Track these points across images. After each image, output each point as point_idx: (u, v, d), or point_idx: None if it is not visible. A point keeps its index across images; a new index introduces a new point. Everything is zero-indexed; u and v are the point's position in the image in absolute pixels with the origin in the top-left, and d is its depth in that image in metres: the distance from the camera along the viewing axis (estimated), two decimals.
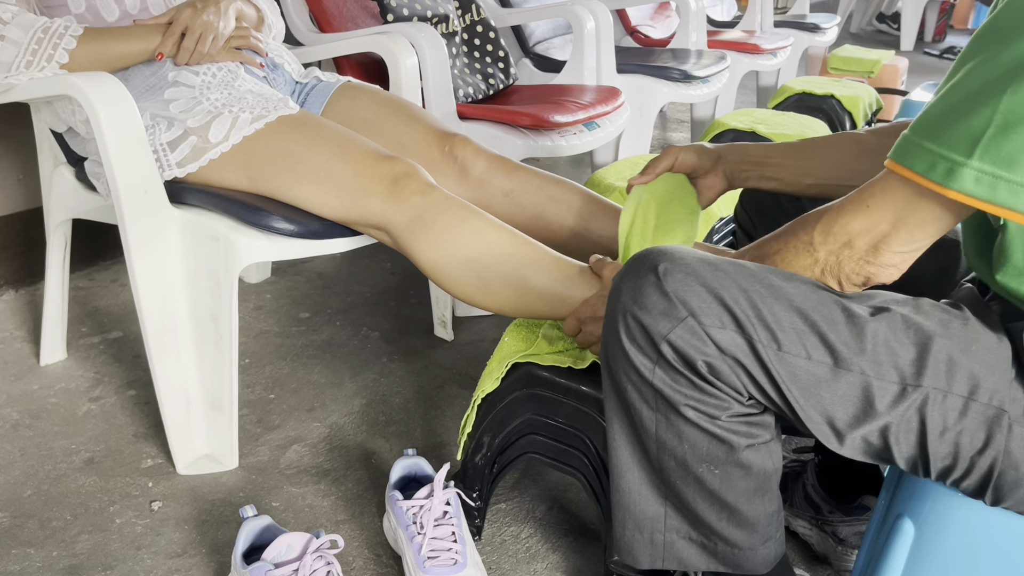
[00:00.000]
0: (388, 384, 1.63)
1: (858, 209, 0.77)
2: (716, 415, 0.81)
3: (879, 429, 0.79)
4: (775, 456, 0.87)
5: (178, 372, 1.32)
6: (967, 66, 0.70)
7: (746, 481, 0.85)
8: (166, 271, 1.27)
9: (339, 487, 1.33)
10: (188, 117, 1.25)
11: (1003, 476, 0.79)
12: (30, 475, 1.33)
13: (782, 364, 0.78)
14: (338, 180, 1.20)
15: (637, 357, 0.82)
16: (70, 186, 1.43)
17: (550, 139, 1.83)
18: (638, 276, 0.82)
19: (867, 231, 0.77)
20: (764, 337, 0.78)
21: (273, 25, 1.59)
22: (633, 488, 0.90)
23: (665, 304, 0.79)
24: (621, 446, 0.90)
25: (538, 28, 2.61)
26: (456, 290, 1.17)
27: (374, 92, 1.49)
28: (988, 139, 0.67)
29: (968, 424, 0.78)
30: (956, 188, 0.69)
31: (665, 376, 0.81)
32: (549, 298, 1.12)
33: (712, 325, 0.78)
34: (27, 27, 1.23)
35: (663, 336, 0.79)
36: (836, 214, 0.79)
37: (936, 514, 0.89)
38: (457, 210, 1.16)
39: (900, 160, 0.74)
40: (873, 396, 0.78)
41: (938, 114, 0.71)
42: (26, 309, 1.86)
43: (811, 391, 0.79)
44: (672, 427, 0.83)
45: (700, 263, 0.81)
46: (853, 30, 7.08)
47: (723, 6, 3.99)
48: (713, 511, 0.87)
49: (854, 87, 2.95)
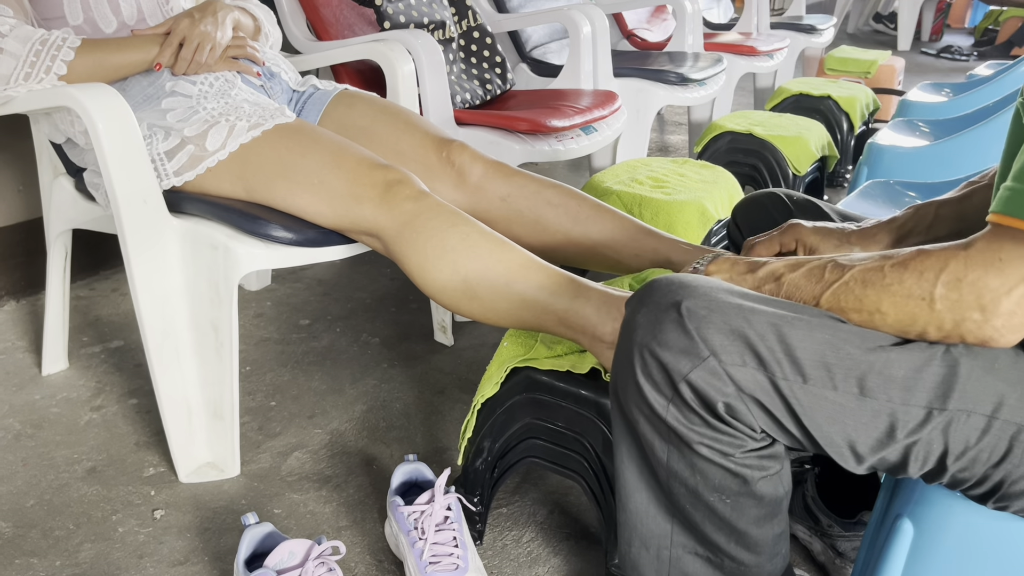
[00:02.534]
0: (389, 390, 1.63)
1: (991, 264, 0.71)
2: (730, 452, 0.80)
3: (901, 450, 0.77)
4: (785, 481, 0.85)
5: (179, 380, 1.32)
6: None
7: (758, 509, 0.84)
8: (166, 280, 1.27)
9: (340, 493, 1.34)
10: (185, 126, 1.26)
11: (1014, 486, 0.78)
12: (32, 485, 1.34)
13: (807, 396, 0.76)
14: (331, 188, 1.20)
15: (651, 394, 0.79)
16: (70, 196, 1.43)
17: (547, 144, 1.84)
18: (658, 311, 0.78)
19: (1008, 291, 0.71)
20: (789, 372, 0.76)
21: (270, 34, 1.60)
22: (640, 508, 0.89)
23: (686, 343, 0.76)
24: (629, 468, 0.88)
25: (535, 33, 2.62)
26: (442, 296, 1.14)
27: (371, 99, 1.49)
28: None
29: (989, 441, 0.76)
30: None
31: (679, 415, 0.79)
32: (535, 308, 1.10)
33: (733, 363, 0.76)
34: (25, 39, 1.24)
35: (683, 376, 0.77)
36: (965, 265, 0.72)
37: (936, 515, 0.89)
38: (447, 216, 1.15)
39: (1011, 212, 0.70)
40: (897, 422, 0.76)
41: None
42: (27, 319, 1.86)
43: (836, 419, 0.76)
44: (684, 459, 0.82)
45: (725, 300, 0.78)
46: (850, 30, 7.09)
47: (719, 8, 3.99)
48: (722, 535, 0.86)
49: (851, 88, 2.96)
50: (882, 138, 2.29)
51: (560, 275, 1.12)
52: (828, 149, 2.52)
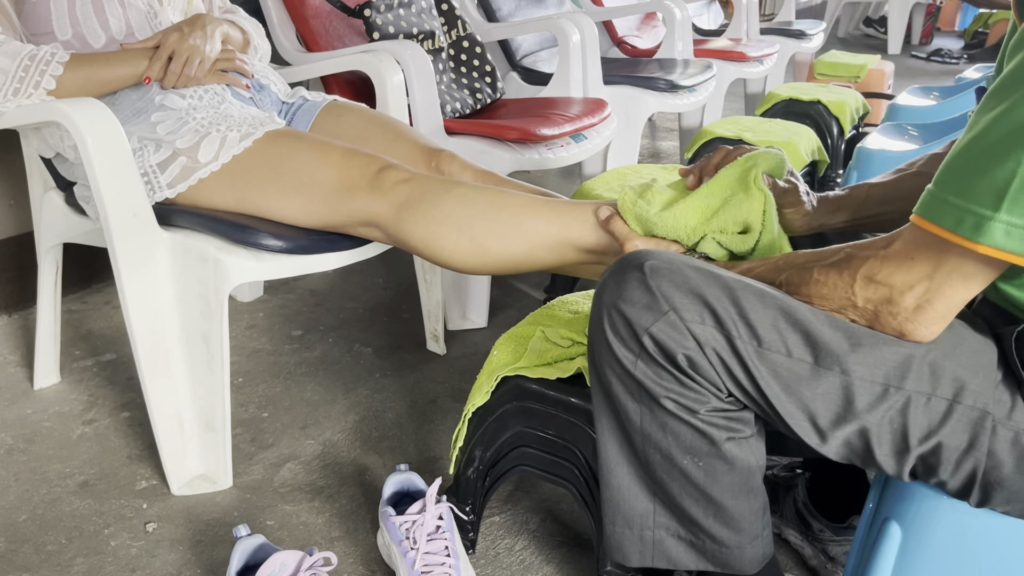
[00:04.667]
0: (381, 400, 1.64)
1: (901, 262, 0.76)
2: (695, 408, 0.83)
3: (860, 430, 0.80)
4: (757, 452, 0.88)
5: (171, 393, 1.32)
6: (985, 118, 0.70)
7: (730, 476, 0.87)
8: (156, 293, 1.27)
9: (333, 504, 1.34)
10: (176, 138, 1.26)
11: (987, 476, 0.80)
12: (25, 500, 1.34)
13: (762, 361, 0.80)
14: (322, 185, 1.20)
15: (620, 350, 0.84)
16: (60, 210, 1.44)
17: (537, 152, 1.84)
18: (624, 272, 0.84)
19: (910, 287, 0.76)
20: (744, 334, 0.80)
21: (259, 47, 1.61)
22: (623, 484, 0.92)
23: (648, 298, 0.82)
24: (609, 442, 0.92)
25: (525, 42, 2.63)
26: (455, 261, 1.13)
27: (360, 111, 1.50)
28: (1015, 191, 0.66)
29: (953, 426, 0.79)
30: (986, 243, 0.68)
31: (647, 369, 0.83)
32: (550, 243, 1.09)
33: (692, 320, 0.80)
34: (13, 55, 1.24)
35: (645, 329, 0.82)
36: (880, 263, 0.78)
37: (922, 516, 0.90)
38: (439, 184, 1.15)
39: (927, 216, 0.73)
40: (854, 395, 0.79)
41: (961, 167, 0.71)
42: (19, 334, 1.86)
43: (792, 388, 0.80)
44: (656, 419, 0.85)
45: (685, 264, 0.83)
46: (840, 35, 7.13)
47: (709, 14, 4.01)
48: (699, 507, 0.89)
49: (840, 92, 2.97)
50: (871, 142, 2.31)
51: (564, 204, 1.12)
52: (818, 154, 2.53)
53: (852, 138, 2.92)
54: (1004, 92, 0.70)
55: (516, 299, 2.07)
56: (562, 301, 1.30)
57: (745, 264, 0.94)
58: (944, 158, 1.09)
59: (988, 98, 0.72)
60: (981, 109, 0.72)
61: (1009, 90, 0.69)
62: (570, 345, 1.16)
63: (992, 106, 0.70)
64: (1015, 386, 0.80)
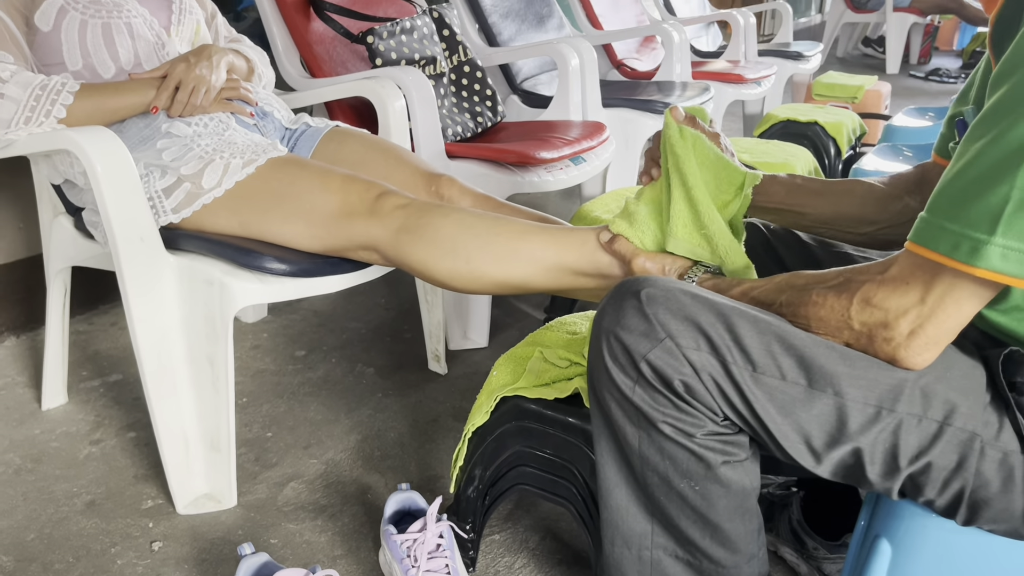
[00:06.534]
0: (383, 419, 1.66)
1: (897, 286, 0.78)
2: (692, 432, 0.85)
3: (854, 450, 0.82)
4: (752, 475, 0.90)
5: (176, 413, 1.35)
6: (976, 145, 0.72)
7: (726, 499, 0.88)
8: (163, 315, 1.30)
9: (336, 523, 1.36)
10: (181, 165, 1.30)
11: (974, 496, 0.82)
12: (32, 519, 1.36)
13: (757, 385, 0.82)
14: (322, 210, 1.24)
15: (619, 376, 0.86)
16: (69, 235, 1.47)
17: (536, 175, 1.88)
18: (622, 299, 0.86)
19: (904, 312, 0.78)
20: (739, 359, 0.82)
21: (263, 75, 1.65)
22: (621, 504, 0.94)
23: (645, 326, 0.84)
24: (608, 463, 0.94)
25: (525, 65, 2.67)
26: (453, 283, 1.16)
27: (362, 136, 1.53)
28: (1009, 215, 0.68)
29: (942, 447, 0.81)
30: (984, 266, 0.70)
31: (644, 394, 0.85)
32: (546, 267, 1.12)
33: (688, 347, 0.82)
34: (25, 85, 1.28)
35: (642, 356, 0.84)
36: (877, 287, 0.80)
37: (911, 534, 0.92)
38: (437, 209, 1.18)
39: (922, 242, 0.75)
40: (847, 417, 0.81)
41: (954, 194, 0.73)
42: (27, 355, 1.89)
43: (787, 410, 0.82)
44: (653, 443, 0.87)
45: (681, 291, 0.85)
46: (840, 54, 7.18)
47: (708, 36, 4.06)
48: (696, 528, 0.90)
49: (837, 113, 3.01)
50: (866, 163, 2.34)
51: (560, 230, 1.15)
52: (815, 174, 2.55)
53: (849, 158, 2.95)
54: (990, 122, 0.72)
55: (517, 319, 2.09)
56: (560, 322, 1.32)
57: (747, 284, 0.96)
58: (914, 177, 1.12)
59: (974, 128, 0.74)
60: (968, 139, 0.74)
61: (996, 120, 0.72)
62: (568, 366, 1.18)
63: (980, 135, 0.73)
64: (1003, 408, 0.82)
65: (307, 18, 2.04)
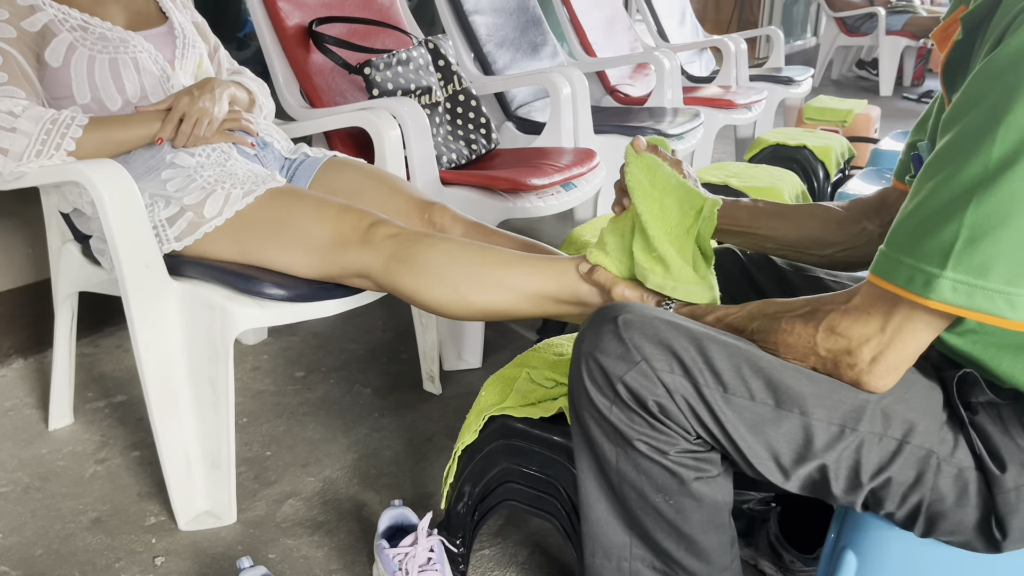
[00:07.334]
0: (379, 438, 1.71)
1: (859, 316, 0.83)
2: (665, 450, 0.90)
3: (820, 467, 0.88)
4: (724, 490, 0.95)
5: (179, 433, 1.40)
6: (929, 184, 0.78)
7: (699, 512, 0.93)
8: (166, 339, 1.36)
9: (332, 538, 1.41)
10: (184, 195, 1.36)
11: (931, 509, 0.87)
12: (40, 535, 1.41)
13: (728, 405, 0.87)
14: (317, 239, 1.30)
15: (597, 396, 0.91)
16: (77, 261, 1.53)
17: (528, 200, 1.94)
18: (601, 324, 0.92)
19: (867, 340, 0.83)
20: (710, 381, 0.87)
21: (264, 106, 1.71)
22: (601, 518, 0.99)
23: (622, 349, 0.89)
24: (588, 479, 0.99)
25: (520, 92, 2.74)
26: (442, 310, 1.23)
27: (358, 166, 1.60)
28: (959, 251, 0.74)
29: (901, 464, 0.86)
30: (936, 298, 0.76)
31: (621, 414, 0.90)
32: (530, 295, 1.18)
33: (662, 369, 0.88)
34: (36, 119, 1.34)
35: (619, 377, 0.89)
36: (841, 316, 0.85)
37: (875, 546, 0.97)
38: (427, 239, 1.25)
39: (881, 275, 0.81)
40: (813, 435, 0.87)
41: (910, 230, 0.79)
42: (35, 377, 1.95)
43: (756, 429, 0.88)
44: (630, 459, 0.92)
45: (656, 317, 0.91)
46: (835, 77, 7.27)
47: (701, 62, 4.13)
48: (672, 540, 0.95)
49: (826, 137, 3.07)
50: (851, 187, 2.40)
51: (542, 259, 1.22)
52: (802, 197, 2.62)
53: (837, 181, 3.01)
54: (942, 162, 0.78)
55: (510, 340, 2.15)
56: (548, 344, 1.38)
57: (720, 311, 1.01)
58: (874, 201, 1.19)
59: (928, 167, 0.80)
60: (923, 177, 0.80)
61: (947, 161, 0.77)
62: (553, 386, 1.24)
63: (933, 174, 0.78)
64: (958, 427, 0.88)
65: (307, 50, 2.11)
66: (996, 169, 0.72)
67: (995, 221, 0.72)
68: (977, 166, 0.73)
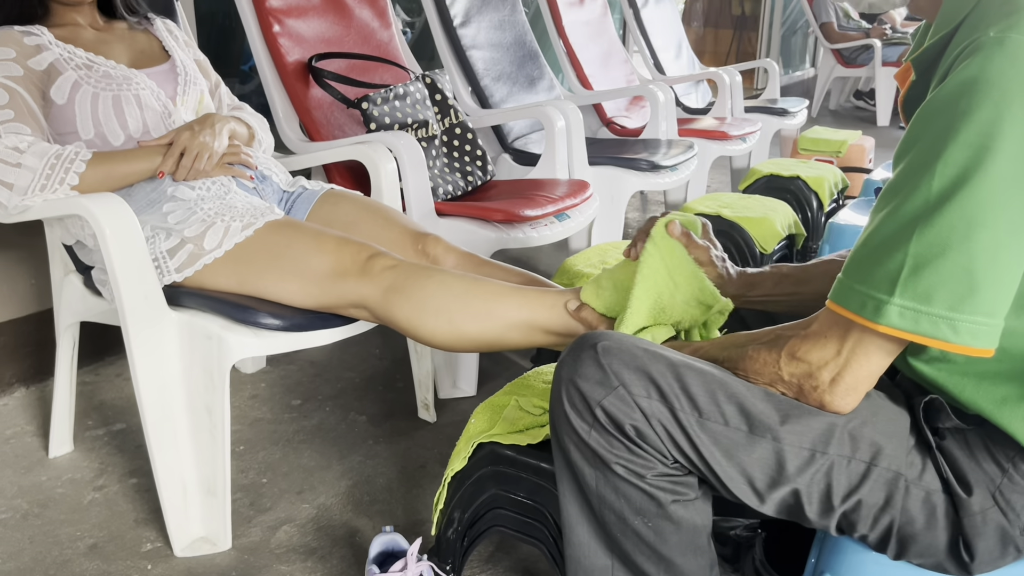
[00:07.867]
0: (373, 466, 1.74)
1: (817, 341, 0.88)
2: (643, 473, 0.93)
3: (793, 491, 0.91)
4: (703, 514, 0.98)
5: (176, 460, 1.43)
6: (878, 216, 0.83)
7: (677, 535, 0.96)
8: (165, 368, 1.39)
9: (325, 564, 1.43)
10: (185, 227, 1.40)
11: (902, 531, 0.90)
12: (39, 561, 1.43)
13: (703, 430, 0.90)
14: (316, 271, 1.34)
15: (576, 421, 0.94)
16: (79, 292, 1.57)
17: (522, 231, 1.98)
18: (580, 351, 0.95)
19: (825, 363, 0.87)
20: (686, 406, 0.90)
21: (263, 140, 1.76)
22: (583, 541, 1.01)
23: (600, 375, 0.92)
24: (570, 502, 1.01)
25: (516, 125, 2.79)
26: (436, 341, 1.27)
27: (354, 198, 1.64)
28: (904, 278, 0.79)
29: (871, 486, 0.89)
30: (884, 323, 0.80)
31: (600, 438, 0.93)
32: (520, 326, 1.23)
33: (639, 395, 0.91)
34: (41, 155, 1.38)
35: (597, 402, 0.92)
36: (801, 342, 0.89)
37: (852, 569, 1.00)
38: (423, 271, 1.29)
39: (837, 301, 0.85)
40: (785, 460, 0.90)
41: (862, 258, 0.83)
42: (36, 405, 1.98)
43: (731, 454, 0.90)
44: (609, 483, 0.95)
45: (634, 344, 0.94)
46: (832, 107, 7.35)
47: (697, 93, 4.20)
48: (651, 563, 0.97)
49: (820, 168, 3.12)
50: (842, 218, 2.44)
51: (533, 291, 1.25)
52: (795, 227, 2.66)
53: (831, 212, 3.05)
54: (891, 195, 0.83)
55: (504, 368, 2.18)
56: (537, 372, 1.41)
57: (695, 343, 1.06)
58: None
59: (880, 199, 0.85)
60: (875, 209, 0.85)
61: (894, 193, 0.82)
62: (541, 413, 1.27)
63: (883, 206, 0.83)
64: (926, 451, 0.91)
65: (306, 85, 2.17)
66: (936, 202, 0.77)
67: (936, 251, 0.77)
68: (919, 199, 0.78)
